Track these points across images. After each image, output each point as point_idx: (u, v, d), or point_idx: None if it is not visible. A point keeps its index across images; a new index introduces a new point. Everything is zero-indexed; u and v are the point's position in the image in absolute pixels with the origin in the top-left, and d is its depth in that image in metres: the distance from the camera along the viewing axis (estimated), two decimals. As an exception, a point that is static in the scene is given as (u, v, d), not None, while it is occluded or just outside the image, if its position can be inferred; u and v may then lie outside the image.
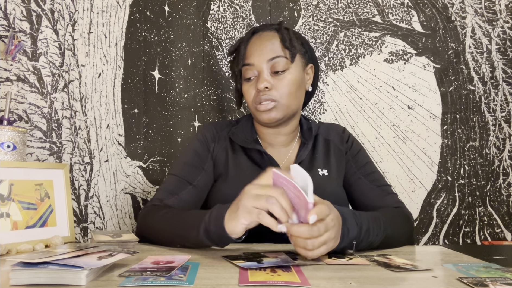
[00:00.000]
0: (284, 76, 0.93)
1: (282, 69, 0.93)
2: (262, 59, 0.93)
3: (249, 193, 0.66)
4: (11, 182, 0.82)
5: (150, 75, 1.40)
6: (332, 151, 1.03)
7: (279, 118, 0.95)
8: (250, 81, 0.95)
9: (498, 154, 1.46)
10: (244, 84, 0.97)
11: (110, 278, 0.56)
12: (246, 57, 0.95)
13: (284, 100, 0.93)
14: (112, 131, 1.30)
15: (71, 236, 0.88)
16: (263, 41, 0.95)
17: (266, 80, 0.92)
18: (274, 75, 0.93)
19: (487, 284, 0.54)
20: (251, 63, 0.94)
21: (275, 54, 0.93)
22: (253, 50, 0.94)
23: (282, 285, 0.53)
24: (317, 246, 0.64)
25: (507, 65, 1.46)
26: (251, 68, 0.94)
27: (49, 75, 1.17)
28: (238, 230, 0.67)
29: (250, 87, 0.95)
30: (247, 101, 0.99)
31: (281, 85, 0.92)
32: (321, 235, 0.64)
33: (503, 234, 1.43)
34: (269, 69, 0.93)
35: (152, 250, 0.78)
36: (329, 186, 0.97)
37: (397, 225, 0.88)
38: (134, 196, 1.35)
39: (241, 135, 1.01)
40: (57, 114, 1.17)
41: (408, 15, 1.49)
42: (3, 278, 0.55)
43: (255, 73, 0.94)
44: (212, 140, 1.02)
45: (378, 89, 1.48)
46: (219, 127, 1.06)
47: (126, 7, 1.35)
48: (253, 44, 0.96)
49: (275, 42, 0.94)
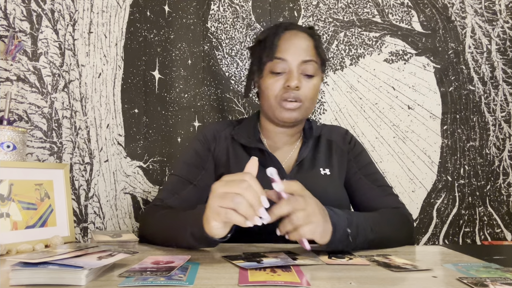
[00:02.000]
0: (311, 80, 0.94)
1: (312, 74, 0.94)
2: (296, 58, 0.92)
3: (215, 192, 0.62)
4: (11, 182, 0.82)
5: (150, 75, 1.40)
6: (334, 151, 1.03)
7: (298, 119, 0.96)
8: (277, 76, 0.93)
9: (498, 154, 1.46)
10: (269, 77, 0.94)
11: (110, 278, 0.56)
12: (278, 51, 0.93)
13: (307, 103, 0.95)
14: (112, 131, 1.30)
15: (71, 236, 0.88)
16: (299, 40, 0.94)
17: (298, 80, 0.91)
18: (303, 77, 0.93)
19: (487, 284, 0.54)
20: (284, 58, 0.92)
21: (310, 57, 0.93)
22: (287, 46, 0.93)
23: (282, 285, 0.53)
24: (302, 219, 0.65)
25: (507, 65, 1.46)
26: (283, 64, 0.92)
27: (49, 75, 1.17)
28: (216, 232, 0.65)
29: (277, 82, 0.93)
30: (267, 95, 0.95)
31: (308, 88, 0.93)
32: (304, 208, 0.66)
33: (503, 234, 1.43)
34: (299, 70, 0.93)
35: (152, 250, 0.78)
36: (331, 185, 0.97)
37: (395, 224, 0.88)
38: (134, 196, 1.35)
39: (244, 134, 1.00)
40: (57, 114, 1.17)
41: (408, 15, 1.49)
42: (3, 278, 0.55)
43: (285, 69, 0.93)
44: (212, 140, 1.02)
45: (378, 89, 1.48)
46: (220, 127, 1.05)
47: (126, 7, 1.35)
48: (287, 40, 0.94)
49: (309, 46, 0.95)
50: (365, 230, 0.76)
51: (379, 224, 0.81)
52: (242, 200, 0.60)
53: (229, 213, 0.60)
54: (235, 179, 0.62)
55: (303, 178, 0.92)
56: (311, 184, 0.91)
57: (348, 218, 0.74)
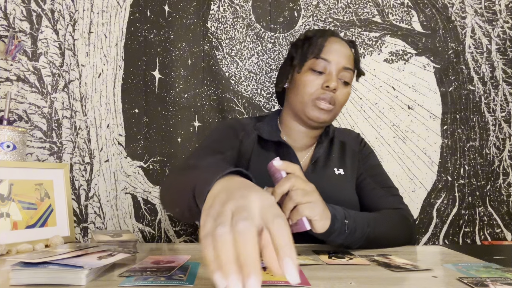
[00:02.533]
0: (346, 88, 0.97)
1: (348, 81, 0.96)
2: (339, 62, 0.94)
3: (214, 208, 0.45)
4: (11, 182, 0.82)
5: (150, 75, 1.41)
6: (347, 152, 1.04)
7: (326, 122, 0.97)
8: (318, 74, 0.94)
9: (498, 154, 1.46)
10: (309, 74, 0.95)
11: (110, 278, 0.56)
12: (324, 52, 0.94)
13: (337, 108, 0.96)
14: (113, 131, 1.30)
15: (71, 236, 0.88)
16: (343, 47, 0.96)
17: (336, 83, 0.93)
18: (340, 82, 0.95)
19: (487, 284, 0.54)
20: (328, 60, 0.94)
21: (350, 66, 0.96)
22: (333, 49, 0.95)
23: (282, 285, 0.53)
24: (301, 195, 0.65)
25: (507, 65, 1.46)
26: (326, 64, 0.94)
27: (49, 75, 1.17)
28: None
29: (316, 80, 0.94)
30: (303, 91, 0.95)
31: (342, 94, 0.95)
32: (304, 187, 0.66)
33: (503, 234, 1.43)
34: (338, 75, 0.94)
35: (152, 250, 0.78)
36: (345, 185, 0.98)
37: (393, 224, 0.88)
38: (135, 196, 1.35)
39: (266, 129, 1.01)
40: (57, 114, 1.17)
41: (408, 15, 1.49)
42: (3, 278, 0.55)
43: (326, 69, 0.94)
44: (241, 129, 1.01)
45: (378, 89, 1.48)
46: (246, 121, 1.05)
47: (126, 7, 1.35)
48: (333, 44, 0.96)
49: (350, 55, 0.97)
50: (362, 224, 0.77)
51: (377, 222, 0.81)
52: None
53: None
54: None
55: (318, 177, 0.93)
56: (325, 183, 0.92)
57: (345, 212, 0.75)
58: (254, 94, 1.46)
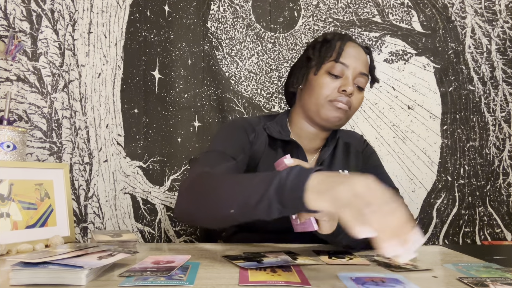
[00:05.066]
0: (361, 93, 0.98)
1: (363, 87, 0.97)
2: (357, 67, 0.95)
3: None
4: (11, 182, 0.82)
5: (150, 75, 1.40)
6: (351, 153, 1.05)
7: (340, 124, 0.98)
8: (334, 78, 0.95)
9: (498, 154, 1.46)
10: (325, 76, 0.95)
11: (110, 278, 0.56)
12: (343, 56, 0.95)
13: (351, 112, 0.97)
14: (112, 131, 1.30)
15: (71, 236, 0.88)
16: (359, 53, 0.97)
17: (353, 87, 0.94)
18: (355, 88, 0.95)
19: (487, 284, 0.54)
20: (346, 64, 0.94)
21: (365, 71, 0.97)
22: (351, 54, 0.95)
23: (282, 285, 0.53)
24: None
25: (507, 65, 1.46)
26: (343, 68, 0.94)
27: (49, 75, 1.17)
28: (318, 206, 0.54)
29: (333, 83, 0.94)
30: (319, 93, 0.94)
31: (357, 99, 0.96)
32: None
33: (503, 234, 1.43)
34: (355, 80, 0.95)
35: (152, 250, 0.78)
36: None
37: None
38: (134, 196, 1.34)
39: (276, 129, 1.00)
40: (57, 114, 1.17)
41: (408, 15, 1.49)
42: (3, 278, 0.55)
43: (343, 74, 0.95)
44: (251, 130, 0.99)
45: (378, 89, 1.48)
46: (254, 121, 1.03)
47: (126, 7, 1.35)
48: (351, 49, 0.96)
49: (366, 62, 0.98)
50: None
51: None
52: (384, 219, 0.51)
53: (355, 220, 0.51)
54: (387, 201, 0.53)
55: None
56: None
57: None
58: (254, 94, 1.46)
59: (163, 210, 1.38)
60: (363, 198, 0.51)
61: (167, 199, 1.39)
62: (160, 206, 1.38)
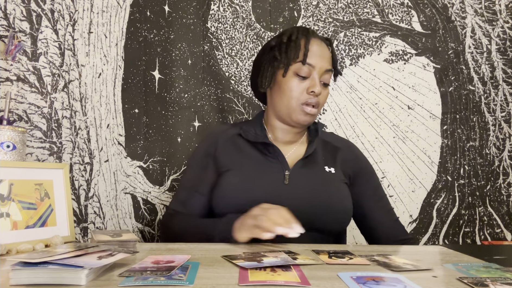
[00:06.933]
0: (326, 89, 1.00)
1: (328, 83, 0.99)
2: (322, 66, 0.96)
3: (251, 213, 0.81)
4: (11, 182, 0.82)
5: (150, 75, 1.40)
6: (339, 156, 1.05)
7: (310, 123, 1.03)
8: (301, 79, 0.96)
9: (498, 154, 1.46)
10: (293, 79, 0.96)
11: (110, 277, 0.56)
12: (308, 57, 0.95)
13: (320, 109, 1.01)
14: (112, 131, 1.30)
15: (71, 236, 0.88)
16: (322, 50, 0.98)
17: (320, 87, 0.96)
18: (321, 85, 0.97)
19: (487, 284, 0.54)
20: (313, 65, 0.95)
21: (330, 67, 0.98)
22: (316, 54, 0.96)
23: (282, 285, 0.53)
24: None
25: (507, 65, 1.46)
26: (310, 69, 0.95)
27: (49, 75, 1.17)
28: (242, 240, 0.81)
29: (301, 84, 0.96)
30: (289, 95, 0.96)
31: (323, 96, 0.99)
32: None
33: (503, 234, 1.43)
34: (320, 78, 0.96)
35: (152, 250, 0.78)
36: (335, 182, 0.99)
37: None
38: (135, 196, 1.34)
39: (252, 132, 1.03)
40: (57, 114, 1.17)
41: (408, 15, 1.49)
42: (3, 278, 0.55)
43: (310, 74, 0.96)
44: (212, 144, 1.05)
45: (378, 89, 1.48)
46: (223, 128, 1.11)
47: (126, 7, 1.35)
48: (316, 47, 0.97)
49: (329, 56, 0.99)
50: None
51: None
52: (264, 218, 0.77)
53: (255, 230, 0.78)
54: (269, 207, 0.80)
55: (307, 173, 0.95)
56: (315, 178, 0.95)
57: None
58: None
59: (163, 210, 1.38)
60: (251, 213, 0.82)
61: (167, 199, 1.39)
62: (160, 206, 1.38)
